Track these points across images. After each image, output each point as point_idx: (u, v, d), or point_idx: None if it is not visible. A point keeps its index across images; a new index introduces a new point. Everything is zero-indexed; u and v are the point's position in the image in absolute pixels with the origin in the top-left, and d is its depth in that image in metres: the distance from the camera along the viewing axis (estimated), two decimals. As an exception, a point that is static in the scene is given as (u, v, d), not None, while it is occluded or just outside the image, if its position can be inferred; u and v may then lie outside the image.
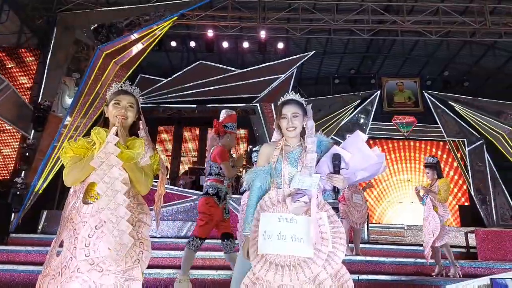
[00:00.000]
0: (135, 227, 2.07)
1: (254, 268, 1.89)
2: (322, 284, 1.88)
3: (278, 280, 1.85)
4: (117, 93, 2.29)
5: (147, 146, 2.22)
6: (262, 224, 1.96)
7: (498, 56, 12.27)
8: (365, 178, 2.16)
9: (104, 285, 1.90)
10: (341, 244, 1.96)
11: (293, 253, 1.90)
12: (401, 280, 4.77)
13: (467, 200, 12.80)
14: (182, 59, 12.63)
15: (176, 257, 5.52)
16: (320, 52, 12.65)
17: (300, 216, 1.96)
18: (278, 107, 2.29)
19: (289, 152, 2.18)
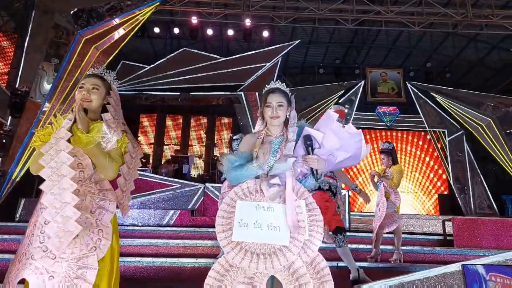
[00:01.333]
0: (95, 214, 2.02)
1: (228, 255, 1.88)
2: (297, 272, 1.88)
3: (253, 268, 1.85)
4: (84, 77, 2.26)
5: (114, 129, 2.17)
6: (238, 212, 1.95)
7: (480, 48, 12.45)
8: (349, 160, 2.12)
9: (56, 272, 1.86)
10: (318, 232, 1.95)
11: (269, 241, 1.89)
12: (379, 266, 4.85)
13: (446, 189, 13.07)
14: (165, 45, 12.45)
15: (157, 245, 5.50)
16: (305, 41, 12.62)
17: (277, 205, 1.96)
18: (263, 95, 2.27)
19: (270, 142, 2.17)
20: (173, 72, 10.85)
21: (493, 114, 12.44)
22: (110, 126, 2.19)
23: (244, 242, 1.89)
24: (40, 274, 1.84)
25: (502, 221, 7.49)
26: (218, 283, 1.86)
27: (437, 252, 5.77)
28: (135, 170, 2.37)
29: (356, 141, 2.05)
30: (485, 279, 3.02)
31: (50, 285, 1.84)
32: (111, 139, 2.18)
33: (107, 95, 2.31)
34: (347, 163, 2.16)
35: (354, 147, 2.05)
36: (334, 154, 2.06)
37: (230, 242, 1.89)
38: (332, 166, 2.13)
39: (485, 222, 6.92)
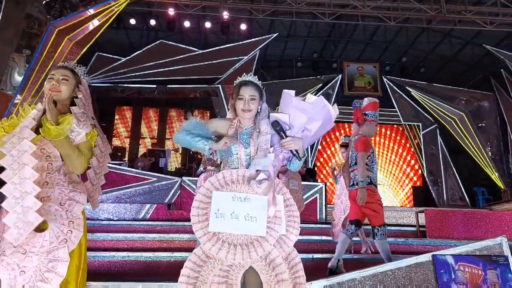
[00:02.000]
0: (65, 205, 2.00)
1: (204, 245, 1.86)
2: (274, 262, 1.90)
3: (230, 259, 1.84)
4: (54, 69, 2.23)
5: (83, 122, 2.14)
6: (215, 202, 1.93)
7: (454, 44, 12.70)
8: (323, 127, 2.13)
9: (27, 267, 1.84)
10: (294, 227, 1.97)
11: (246, 232, 1.89)
12: (353, 258, 4.94)
13: (420, 181, 13.38)
14: (142, 37, 12.22)
15: (133, 239, 5.45)
16: (283, 35, 12.61)
17: (254, 195, 1.96)
18: (235, 87, 2.26)
19: (241, 133, 2.18)
20: (150, 64, 10.69)
21: (465, 108, 12.80)
22: (79, 119, 2.17)
23: (220, 233, 1.88)
24: (12, 270, 1.81)
25: (472, 212, 7.73)
26: (195, 274, 1.84)
27: (410, 243, 5.90)
28: (105, 165, 2.35)
29: (321, 107, 2.05)
30: (454, 269, 3.11)
31: (21, 280, 1.82)
32: (80, 132, 2.16)
33: (77, 88, 2.29)
34: (323, 130, 2.17)
35: (321, 113, 2.06)
36: (307, 129, 2.07)
37: (207, 232, 1.87)
38: (310, 139, 2.14)
39: (457, 213, 7.13)
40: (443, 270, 3.10)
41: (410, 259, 3.17)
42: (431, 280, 3.11)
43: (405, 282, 3.11)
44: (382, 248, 3.93)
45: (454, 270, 3.10)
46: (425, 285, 3.12)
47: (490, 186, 12.26)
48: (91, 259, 4.45)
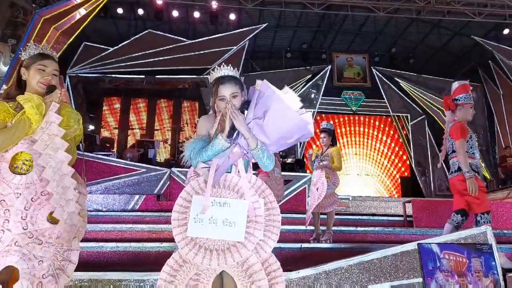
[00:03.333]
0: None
1: (182, 250, 1.85)
2: (251, 268, 1.88)
3: (206, 264, 1.84)
4: (40, 57, 2.16)
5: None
6: (194, 207, 1.91)
7: (443, 35, 12.77)
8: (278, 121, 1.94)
9: (45, 257, 1.91)
10: (273, 233, 1.95)
11: (224, 237, 1.88)
12: (340, 247, 4.98)
13: (409, 172, 13.53)
14: (129, 27, 12.04)
15: (121, 230, 5.43)
16: (273, 25, 12.55)
17: (233, 200, 1.94)
18: (213, 85, 2.10)
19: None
20: (138, 54, 10.56)
21: (453, 99, 12.88)
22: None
23: (198, 237, 1.87)
24: (29, 260, 1.87)
25: (458, 201, 7.83)
26: (171, 278, 1.85)
27: (397, 232, 5.98)
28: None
29: (271, 94, 1.94)
30: (439, 257, 3.17)
31: (40, 269, 1.89)
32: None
33: None
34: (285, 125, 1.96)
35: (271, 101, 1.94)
36: (258, 116, 1.96)
37: (185, 237, 1.87)
38: (263, 130, 1.96)
39: (443, 203, 7.23)
40: (428, 258, 3.15)
41: (396, 248, 3.22)
42: (417, 268, 3.16)
43: (391, 271, 3.16)
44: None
45: (439, 258, 3.15)
46: (411, 273, 3.17)
47: (477, 176, 12.44)
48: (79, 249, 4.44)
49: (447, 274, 3.10)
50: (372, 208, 9.94)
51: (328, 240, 5.29)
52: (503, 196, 9.21)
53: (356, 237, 5.97)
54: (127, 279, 2.92)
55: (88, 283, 2.87)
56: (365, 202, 10.18)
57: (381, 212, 9.56)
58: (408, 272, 3.16)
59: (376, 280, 3.12)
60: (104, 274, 2.96)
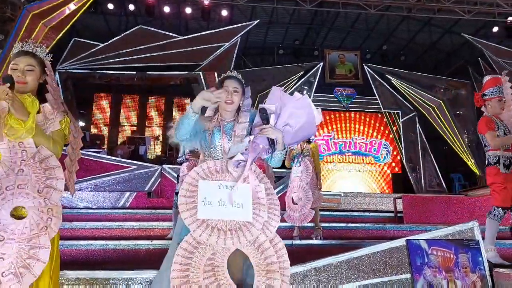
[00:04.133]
0: (42, 193, 1.98)
1: (194, 232, 1.91)
2: (262, 246, 1.97)
3: (221, 244, 1.91)
4: (15, 56, 2.12)
5: (56, 109, 2.11)
6: (201, 191, 1.99)
7: (433, 32, 12.84)
8: (306, 126, 2.18)
9: (6, 254, 1.83)
10: (275, 214, 2.05)
11: (233, 218, 1.97)
12: (331, 244, 5.00)
13: (400, 168, 13.61)
14: (120, 23, 11.95)
15: (111, 228, 5.41)
16: (265, 21, 12.51)
17: (240, 184, 2.04)
18: (219, 80, 2.35)
19: (224, 125, 2.24)
20: (129, 50, 10.45)
21: (443, 96, 13.01)
22: (53, 106, 2.13)
23: (209, 219, 1.94)
24: None
25: (448, 198, 7.93)
26: (187, 261, 1.88)
27: (387, 228, 6.01)
28: (78, 151, 2.31)
29: (305, 105, 2.13)
30: (427, 253, 3.19)
31: (1, 267, 1.81)
32: (54, 120, 2.12)
33: (43, 73, 2.20)
34: (305, 132, 2.22)
35: (305, 111, 2.13)
36: (290, 124, 2.14)
37: (196, 220, 1.92)
38: (291, 136, 2.19)
39: (433, 199, 7.31)
40: (416, 254, 3.17)
41: (385, 244, 3.24)
42: (405, 264, 3.19)
43: (380, 267, 3.18)
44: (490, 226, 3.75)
45: (427, 254, 3.18)
46: (400, 269, 3.20)
47: (467, 173, 12.58)
48: (68, 248, 4.41)
49: (435, 269, 3.12)
50: (363, 204, 9.98)
51: (318, 236, 5.31)
52: (492, 192, 9.31)
53: (347, 233, 5.99)
54: (115, 277, 2.90)
55: (75, 282, 2.85)
56: (356, 199, 10.21)
57: (372, 208, 9.60)
58: (397, 268, 3.19)
59: (365, 277, 3.15)
60: (92, 273, 2.94)
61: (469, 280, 3.10)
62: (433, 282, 3.08)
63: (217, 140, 2.18)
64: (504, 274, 3.13)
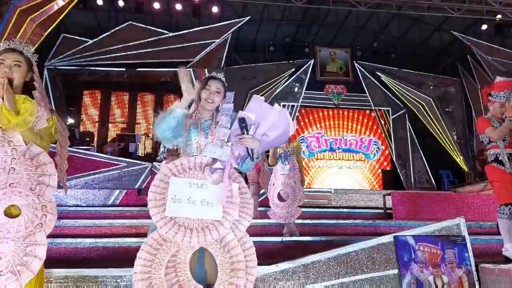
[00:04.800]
0: (35, 190, 1.99)
1: (161, 229, 1.92)
2: (229, 245, 1.99)
3: (186, 242, 1.92)
4: (3, 51, 2.12)
5: (43, 108, 2.11)
6: (172, 188, 2.00)
7: (423, 30, 12.93)
8: (280, 137, 2.25)
9: (3, 253, 1.84)
10: (247, 214, 2.07)
11: (202, 216, 1.98)
12: (321, 240, 5.04)
13: (390, 165, 13.72)
14: (110, 19, 11.83)
15: (101, 225, 5.38)
16: (257, 18, 12.49)
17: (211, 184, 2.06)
18: (203, 79, 2.39)
19: (202, 123, 2.27)
20: (119, 47, 10.36)
21: (433, 94, 13.14)
22: (40, 104, 2.13)
23: (177, 217, 1.96)
24: None
25: (437, 194, 8.03)
26: (151, 257, 1.90)
27: (376, 225, 6.07)
28: (66, 149, 2.30)
29: (284, 117, 2.19)
30: (414, 249, 3.24)
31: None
32: (41, 118, 2.13)
33: (29, 71, 2.22)
34: (280, 140, 2.29)
35: (283, 123, 2.19)
36: (266, 134, 2.18)
37: (164, 217, 1.94)
38: (266, 145, 2.24)
39: (422, 195, 7.38)
40: (404, 250, 3.22)
41: (373, 241, 3.28)
42: (393, 260, 3.23)
43: (368, 263, 3.21)
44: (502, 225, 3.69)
45: (414, 250, 3.22)
46: (387, 265, 3.23)
47: (455, 169, 12.73)
48: (57, 245, 4.38)
49: (422, 265, 3.17)
50: (353, 201, 10.07)
51: (288, 234, 5.31)
52: (480, 188, 9.44)
53: (337, 230, 6.03)
54: (104, 275, 2.90)
55: (63, 280, 2.84)
56: (346, 195, 10.29)
57: (362, 205, 9.69)
58: (385, 264, 3.23)
59: (353, 273, 3.18)
60: (80, 271, 2.93)
61: (455, 275, 3.15)
62: (420, 278, 3.12)
63: (193, 137, 2.21)
64: (489, 269, 3.18)
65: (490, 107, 3.98)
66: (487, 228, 5.94)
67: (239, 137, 2.13)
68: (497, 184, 3.69)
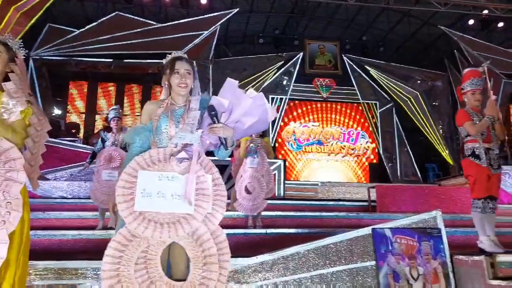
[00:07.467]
0: (1, 186, 1.96)
1: (130, 225, 1.85)
2: (201, 238, 1.93)
3: (157, 237, 1.86)
4: None
5: (17, 99, 2.08)
6: (140, 182, 1.92)
7: (412, 24, 13.00)
8: (258, 124, 2.17)
9: None
10: (220, 206, 2.00)
11: (173, 210, 1.90)
12: (305, 232, 5.10)
13: (377, 159, 13.86)
14: (97, 9, 11.69)
15: (86, 218, 5.38)
16: (246, 10, 12.44)
17: (181, 175, 1.97)
18: (168, 63, 2.24)
19: (174, 110, 2.16)
20: (106, 37, 10.24)
21: (420, 88, 13.28)
22: (12, 96, 2.10)
23: (147, 212, 1.89)
24: None
25: (420, 187, 8.14)
26: (119, 253, 1.84)
27: (360, 217, 6.14)
28: (42, 144, 2.28)
29: (260, 104, 2.10)
30: (391, 241, 3.31)
31: None
32: (14, 110, 2.09)
33: (11, 62, 2.20)
34: (257, 127, 2.22)
35: (259, 110, 2.10)
36: (241, 121, 2.10)
37: (132, 212, 1.87)
38: (241, 132, 2.17)
39: (406, 188, 7.49)
40: (381, 242, 3.29)
41: (351, 233, 3.34)
42: (371, 252, 3.30)
43: (346, 255, 3.28)
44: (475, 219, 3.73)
45: (391, 242, 3.29)
46: (365, 256, 3.30)
47: (441, 162, 12.92)
48: (40, 238, 4.38)
49: (399, 257, 3.24)
50: (340, 193, 10.18)
51: (250, 226, 5.33)
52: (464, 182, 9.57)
53: (321, 222, 6.09)
54: (84, 267, 2.92)
55: (43, 272, 2.85)
56: (333, 188, 10.40)
57: (348, 197, 9.80)
58: (362, 256, 3.30)
59: (332, 264, 3.24)
60: (60, 263, 2.94)
61: (431, 267, 3.24)
62: (396, 269, 3.20)
63: (163, 127, 2.10)
64: (462, 260, 3.27)
65: (465, 99, 4.03)
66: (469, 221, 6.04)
67: (209, 127, 2.04)
68: (472, 178, 3.74)
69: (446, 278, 3.23)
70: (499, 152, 3.77)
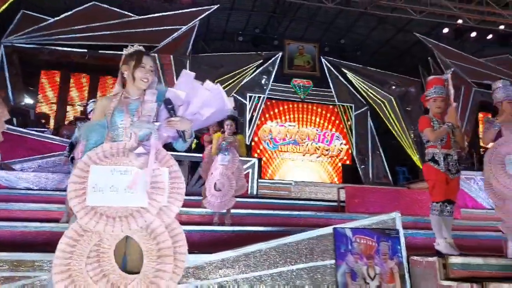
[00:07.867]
0: None
1: (81, 219, 1.85)
2: (155, 231, 1.93)
3: (109, 231, 1.86)
4: None
5: None
6: (92, 177, 1.91)
7: (388, 30, 13.24)
8: (216, 114, 2.17)
9: None
10: (177, 199, 2.00)
11: (126, 204, 1.90)
12: (272, 230, 5.14)
13: (350, 160, 14.09)
14: (75, -2, 11.42)
15: (51, 210, 5.28)
16: (227, 6, 12.40)
17: (134, 168, 1.97)
18: (134, 55, 2.23)
19: (129, 104, 2.16)
20: (81, 27, 10.05)
21: (395, 93, 13.58)
22: None
23: (99, 206, 1.88)
24: None
25: (389, 190, 8.34)
26: (71, 248, 1.84)
27: (328, 217, 6.24)
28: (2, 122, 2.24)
29: (217, 94, 2.11)
30: (351, 241, 3.39)
31: None
32: None
33: None
34: (215, 117, 2.23)
35: (216, 101, 2.12)
36: (200, 113, 2.11)
37: (84, 207, 1.86)
38: (200, 123, 2.18)
39: (374, 190, 7.66)
40: (341, 242, 3.36)
41: (313, 232, 3.40)
42: (331, 251, 3.37)
43: (307, 253, 3.34)
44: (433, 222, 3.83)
45: (351, 242, 3.37)
46: (325, 255, 3.37)
47: (411, 166, 13.23)
48: (3, 229, 4.29)
49: (357, 256, 3.33)
50: (312, 193, 10.30)
51: (216, 223, 5.33)
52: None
53: (290, 221, 6.17)
54: (41, 259, 2.88)
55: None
56: (307, 188, 10.52)
57: (320, 197, 9.92)
58: (323, 255, 3.36)
59: (292, 262, 3.29)
60: (16, 255, 2.89)
61: (387, 266, 3.33)
62: (354, 268, 3.28)
63: (118, 121, 2.10)
64: (417, 261, 3.38)
65: (428, 106, 4.13)
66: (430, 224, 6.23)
67: (167, 120, 2.05)
68: (431, 182, 3.84)
69: (402, 278, 3.34)
70: (458, 158, 3.89)
